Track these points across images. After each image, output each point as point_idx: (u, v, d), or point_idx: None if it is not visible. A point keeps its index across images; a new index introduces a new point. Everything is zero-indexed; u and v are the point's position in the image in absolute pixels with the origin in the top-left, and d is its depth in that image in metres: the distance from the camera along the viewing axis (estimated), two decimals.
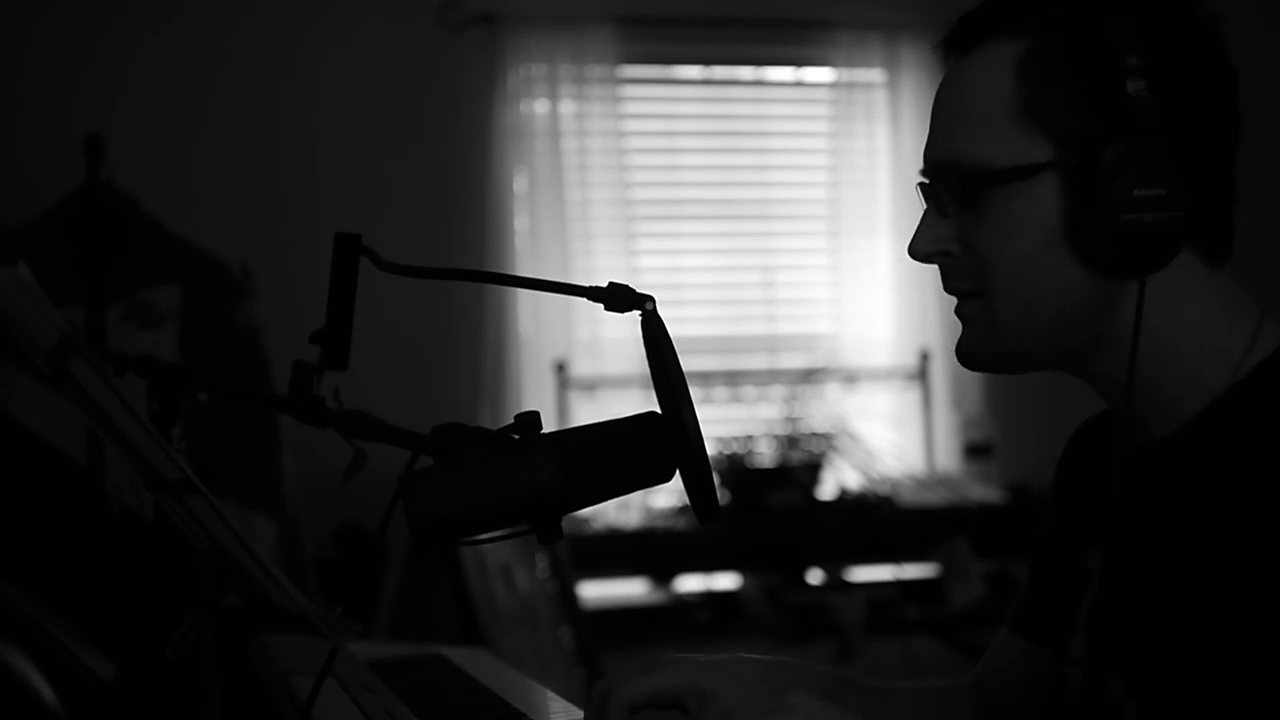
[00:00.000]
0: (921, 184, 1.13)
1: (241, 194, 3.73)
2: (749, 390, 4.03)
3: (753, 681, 1.15)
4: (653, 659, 1.16)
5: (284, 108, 3.80)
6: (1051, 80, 1.03)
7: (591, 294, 1.03)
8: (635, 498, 3.62)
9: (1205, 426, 1.06)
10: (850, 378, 4.07)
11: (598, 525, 3.64)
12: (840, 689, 1.23)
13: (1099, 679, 1.10)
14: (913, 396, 4.15)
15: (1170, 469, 1.07)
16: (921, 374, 4.13)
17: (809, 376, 3.94)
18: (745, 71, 4.26)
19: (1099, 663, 1.11)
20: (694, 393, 0.98)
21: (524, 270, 3.86)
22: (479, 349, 3.85)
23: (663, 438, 1.01)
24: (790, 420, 3.84)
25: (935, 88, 1.13)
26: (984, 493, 3.88)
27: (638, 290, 1.01)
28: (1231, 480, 1.02)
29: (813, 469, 3.76)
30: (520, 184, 3.95)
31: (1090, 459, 1.22)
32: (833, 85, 4.18)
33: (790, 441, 3.80)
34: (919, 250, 1.12)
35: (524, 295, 3.89)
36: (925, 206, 1.13)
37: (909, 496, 3.82)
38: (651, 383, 1.03)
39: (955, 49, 1.11)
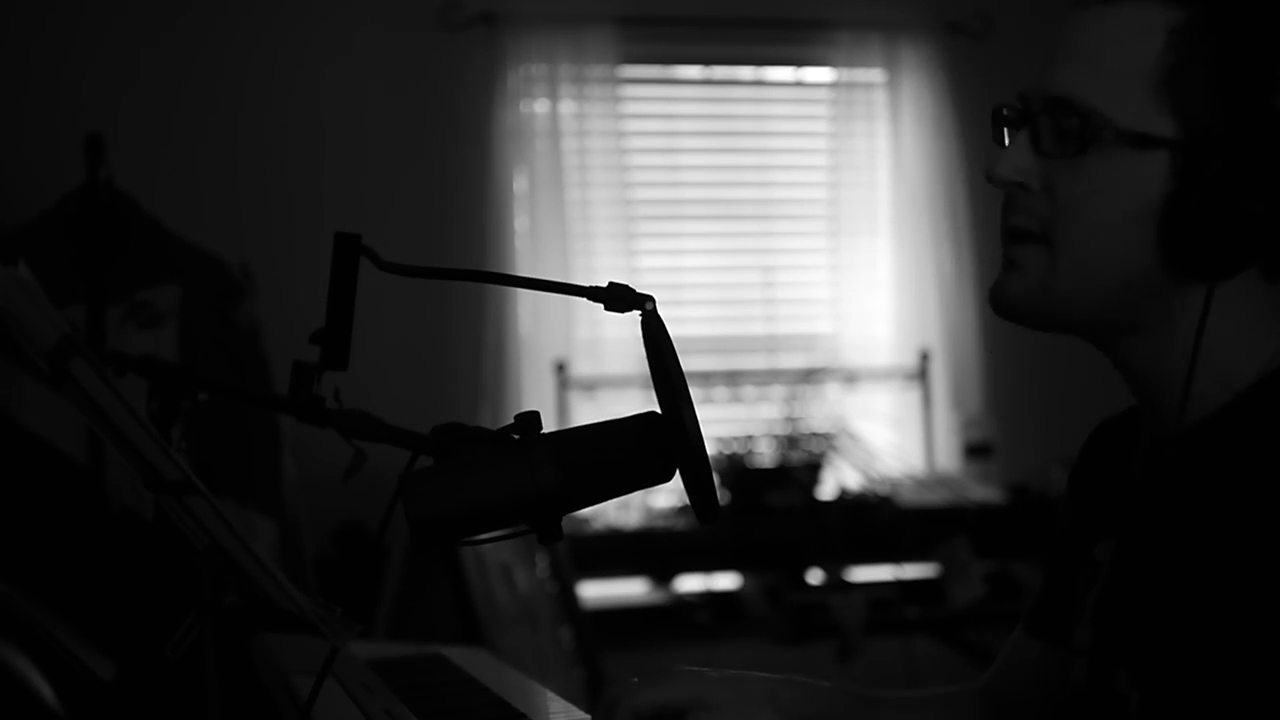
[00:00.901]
0: (1011, 108, 1.09)
1: (242, 194, 3.73)
2: (749, 390, 4.03)
3: (759, 700, 1.15)
4: (663, 669, 1.16)
5: (284, 107, 3.81)
6: (1200, 61, 1.01)
7: (591, 294, 1.03)
8: (635, 498, 3.62)
9: (1224, 421, 1.05)
10: (850, 378, 4.07)
11: (598, 525, 3.63)
12: (848, 704, 1.23)
13: (1105, 668, 1.10)
14: (913, 396, 4.15)
15: (1187, 461, 1.07)
16: (921, 374, 4.13)
17: (809, 376, 3.93)
18: (745, 71, 4.26)
19: (1105, 652, 1.11)
20: (694, 393, 0.98)
21: (524, 270, 3.86)
22: (479, 349, 3.85)
23: (663, 438, 1.01)
24: (790, 420, 3.83)
25: (1070, 22, 1.07)
26: (984, 493, 3.87)
27: (638, 290, 1.01)
28: (1247, 474, 1.01)
29: (813, 469, 3.75)
30: (520, 184, 3.95)
31: (1108, 456, 1.22)
32: (833, 85, 4.18)
33: (790, 441, 3.79)
34: (1000, 175, 1.08)
35: (524, 295, 3.89)
36: (1001, 132, 1.10)
37: (909, 496, 3.82)
38: (651, 383, 1.02)
39: None
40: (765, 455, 3.78)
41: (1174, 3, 1.03)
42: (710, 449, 2.48)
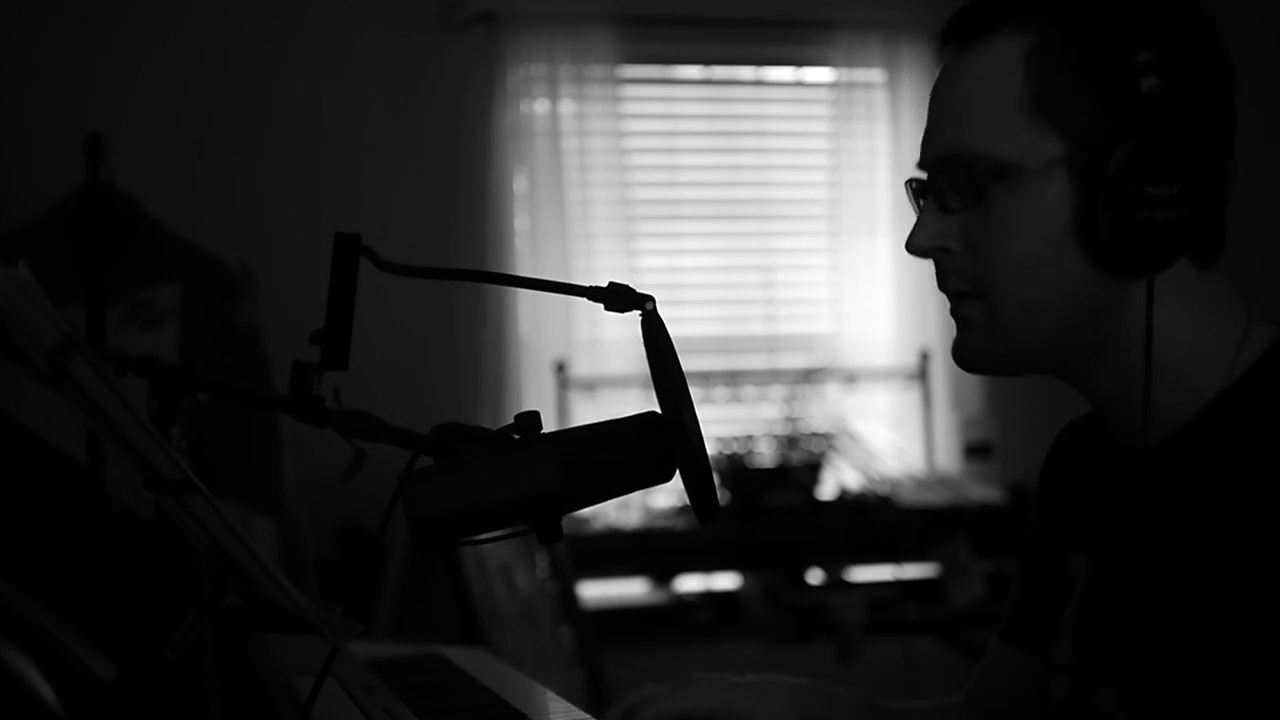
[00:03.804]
0: (914, 181, 1.11)
1: (242, 194, 3.73)
2: (749, 390, 4.03)
3: (784, 705, 1.14)
4: (680, 677, 1.15)
5: (284, 107, 3.80)
6: (1063, 74, 1.02)
7: (591, 294, 1.03)
8: (635, 498, 3.62)
9: (1197, 433, 1.05)
10: (850, 378, 4.07)
11: (598, 525, 3.63)
12: (862, 712, 1.23)
13: (1087, 687, 1.10)
14: (913, 396, 4.15)
15: (1163, 476, 1.06)
16: (921, 374, 4.13)
17: (809, 376, 3.93)
18: (745, 71, 4.26)
19: (1087, 670, 1.10)
20: (694, 393, 0.98)
21: (524, 270, 3.86)
22: (479, 349, 3.85)
23: (663, 438, 1.00)
24: (790, 420, 3.84)
25: (932, 82, 1.10)
26: (984, 493, 3.88)
27: (638, 290, 1.01)
28: (1224, 487, 1.01)
29: (813, 469, 3.75)
30: (520, 184, 3.95)
31: (1077, 463, 1.21)
32: (833, 85, 4.18)
33: (790, 441, 3.79)
34: (918, 245, 1.10)
35: (524, 295, 3.89)
36: (917, 204, 1.11)
37: (909, 496, 3.82)
38: (651, 383, 1.02)
39: (955, 42, 1.08)
40: (765, 455, 3.78)
41: (1022, 28, 1.04)
42: (710, 449, 2.48)
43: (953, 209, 1.07)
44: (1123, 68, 1.00)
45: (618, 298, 1.01)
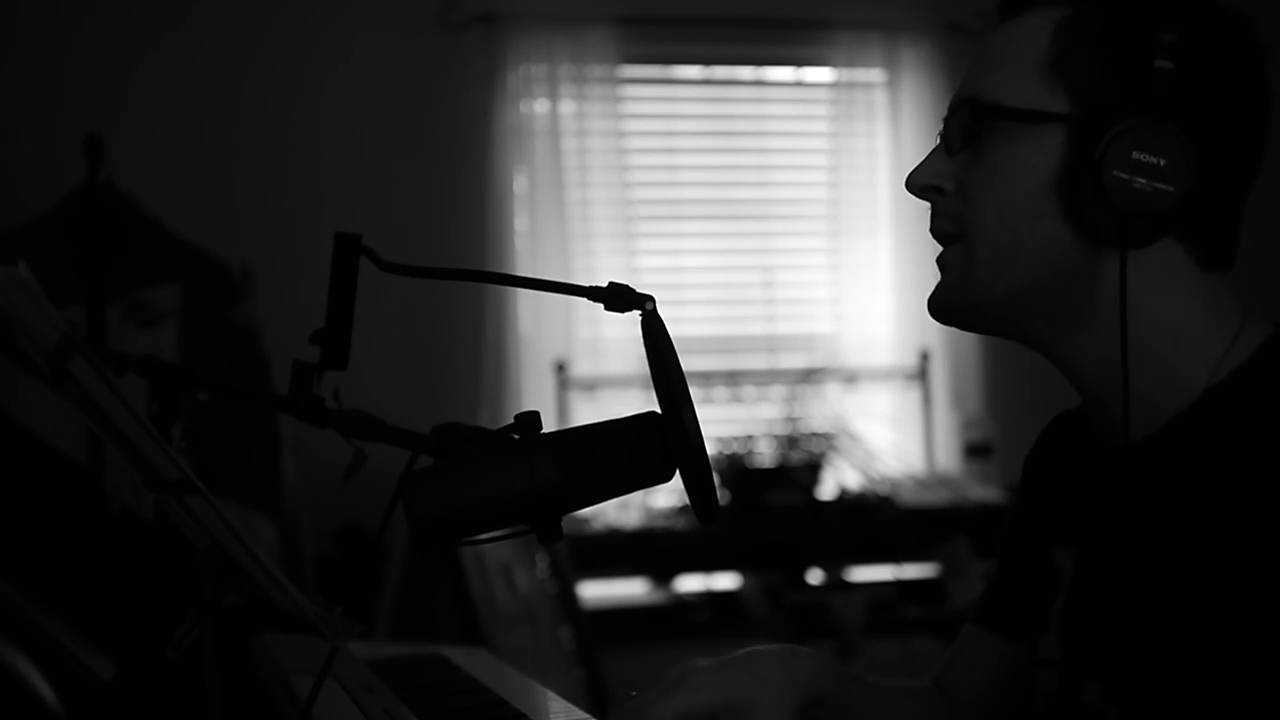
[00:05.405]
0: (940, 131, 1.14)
1: (242, 194, 3.73)
2: (749, 390, 4.03)
3: (779, 681, 1.12)
4: (672, 673, 1.12)
5: (284, 107, 3.81)
6: (1084, 42, 1.05)
7: (591, 294, 1.03)
8: (635, 498, 3.62)
9: (1183, 429, 1.05)
10: (850, 378, 4.07)
11: (598, 525, 3.63)
12: (847, 685, 1.22)
13: (1075, 682, 1.09)
14: (913, 396, 4.15)
15: (1148, 471, 1.06)
16: (921, 374, 4.13)
17: (809, 376, 3.94)
18: (745, 71, 4.27)
19: (1075, 665, 1.10)
20: (694, 393, 0.98)
21: (524, 270, 3.86)
22: (479, 349, 3.85)
23: (663, 438, 1.00)
24: (790, 420, 3.84)
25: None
26: (984, 493, 3.87)
27: (638, 290, 1.01)
28: (1210, 484, 1.01)
29: (813, 469, 3.76)
30: (520, 184, 3.95)
31: (1063, 455, 1.22)
32: (833, 85, 4.18)
33: (790, 441, 3.80)
34: (915, 181, 1.13)
35: (524, 295, 3.90)
36: None
37: (909, 496, 3.82)
38: (651, 383, 1.02)
39: (1006, 11, 1.12)
40: (765, 455, 3.78)
41: (1063, 4, 1.08)
42: (710, 449, 2.48)
43: (954, 150, 1.10)
44: (1141, 43, 1.02)
45: (618, 298, 1.01)
